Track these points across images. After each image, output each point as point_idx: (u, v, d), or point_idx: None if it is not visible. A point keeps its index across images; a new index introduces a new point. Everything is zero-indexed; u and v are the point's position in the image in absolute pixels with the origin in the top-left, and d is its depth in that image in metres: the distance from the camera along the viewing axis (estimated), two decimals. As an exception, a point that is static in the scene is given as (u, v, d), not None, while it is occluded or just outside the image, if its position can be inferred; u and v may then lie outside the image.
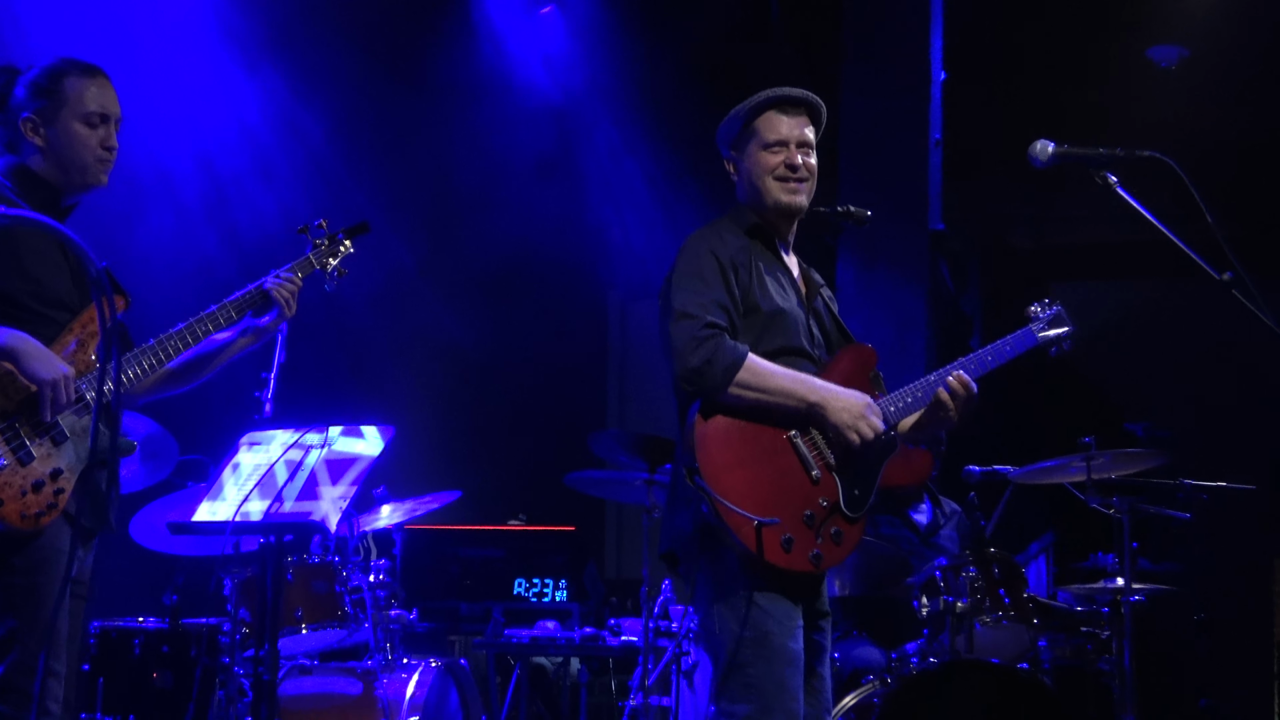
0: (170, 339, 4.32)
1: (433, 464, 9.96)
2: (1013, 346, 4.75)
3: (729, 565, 4.28)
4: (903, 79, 9.72)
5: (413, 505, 6.88)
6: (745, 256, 4.46)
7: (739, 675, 4.25)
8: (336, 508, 5.17)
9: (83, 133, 4.27)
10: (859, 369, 4.54)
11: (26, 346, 3.97)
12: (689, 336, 4.25)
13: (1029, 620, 5.85)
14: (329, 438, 5.31)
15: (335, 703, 6.16)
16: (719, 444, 4.27)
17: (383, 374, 10.21)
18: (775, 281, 4.50)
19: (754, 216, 4.59)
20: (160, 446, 6.16)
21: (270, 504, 5.16)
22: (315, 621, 6.23)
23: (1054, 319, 4.85)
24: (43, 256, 4.18)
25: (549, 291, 10.34)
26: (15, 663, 3.97)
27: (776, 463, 4.31)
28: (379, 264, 9.66)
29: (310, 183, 9.31)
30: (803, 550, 4.25)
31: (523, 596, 9.14)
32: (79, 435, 4.09)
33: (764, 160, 4.54)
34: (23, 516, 3.94)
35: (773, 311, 4.43)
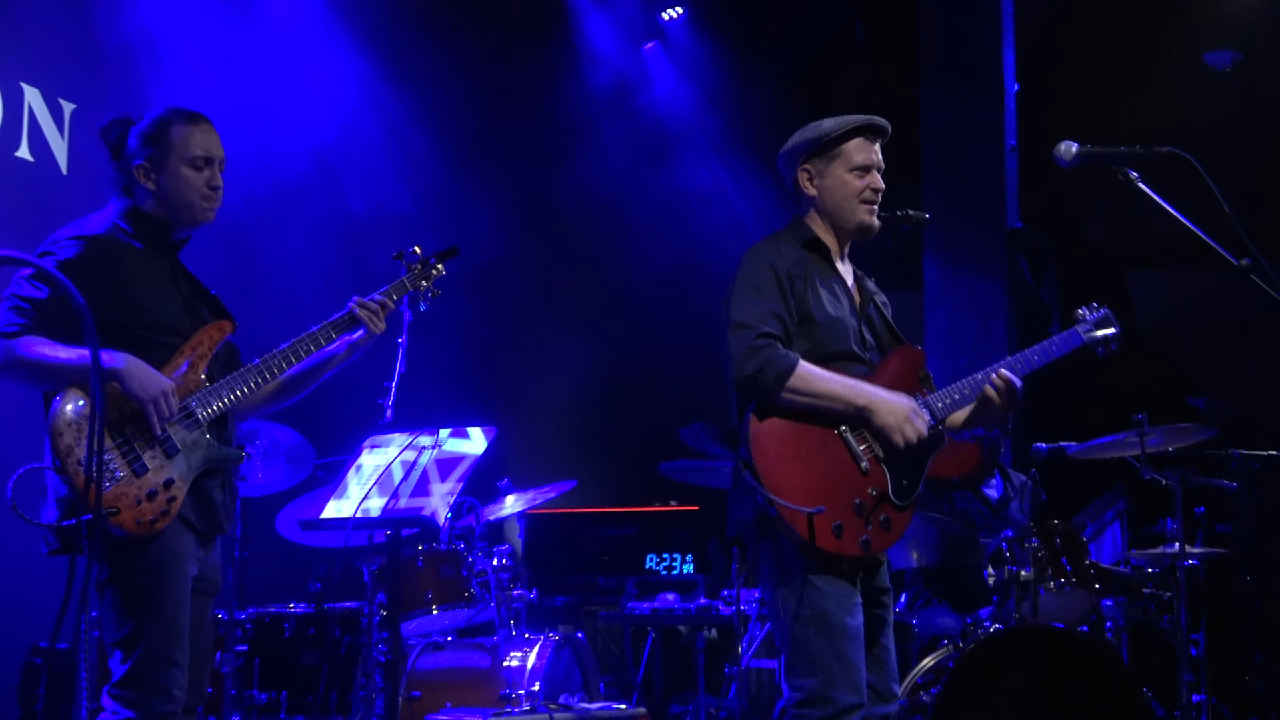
0: (275, 358, 4.20)
1: (550, 458, 9.92)
2: (1059, 346, 4.53)
3: (786, 550, 4.09)
4: (978, 92, 9.50)
5: (533, 494, 6.73)
6: (801, 268, 4.25)
7: (803, 652, 4.06)
8: (445, 503, 5.08)
9: (189, 175, 4.16)
10: (908, 369, 4.31)
11: (131, 367, 3.87)
12: (744, 345, 4.07)
13: (1090, 586, 5.59)
14: (439, 439, 5.22)
15: (466, 675, 6.04)
16: (773, 441, 4.08)
17: (501, 381, 10.13)
18: (829, 291, 4.29)
19: (811, 230, 4.36)
20: (299, 452, 6.12)
21: (387, 500, 5.07)
22: (444, 603, 6.11)
23: (1100, 321, 4.61)
24: (152, 287, 4.10)
25: (647, 304, 10.10)
26: (141, 656, 3.87)
27: (828, 455, 4.11)
28: (496, 286, 9.63)
29: (424, 198, 9.20)
30: (853, 536, 4.05)
31: (653, 570, 9.13)
32: (189, 448, 3.99)
33: (851, 183, 4.33)
34: (138, 523, 3.84)
35: (826, 320, 4.22)
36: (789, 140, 4.41)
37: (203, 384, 4.06)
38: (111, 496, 3.81)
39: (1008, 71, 9.53)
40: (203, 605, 4.16)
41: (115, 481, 3.82)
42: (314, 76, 8.78)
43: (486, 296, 9.47)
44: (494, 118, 9.78)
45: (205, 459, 4.02)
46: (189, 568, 3.99)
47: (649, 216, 9.89)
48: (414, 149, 9.21)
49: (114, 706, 3.86)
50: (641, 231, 9.87)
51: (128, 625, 3.87)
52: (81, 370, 3.84)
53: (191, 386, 4.03)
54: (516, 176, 9.88)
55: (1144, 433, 5.63)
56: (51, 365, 3.84)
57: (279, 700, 6.05)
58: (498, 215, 9.52)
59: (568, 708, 4.84)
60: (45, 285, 3.92)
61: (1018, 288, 9.55)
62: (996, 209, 9.41)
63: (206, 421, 4.03)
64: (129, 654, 3.86)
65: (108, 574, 3.89)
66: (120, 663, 3.87)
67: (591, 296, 10.61)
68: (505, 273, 9.91)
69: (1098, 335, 4.55)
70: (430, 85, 9.28)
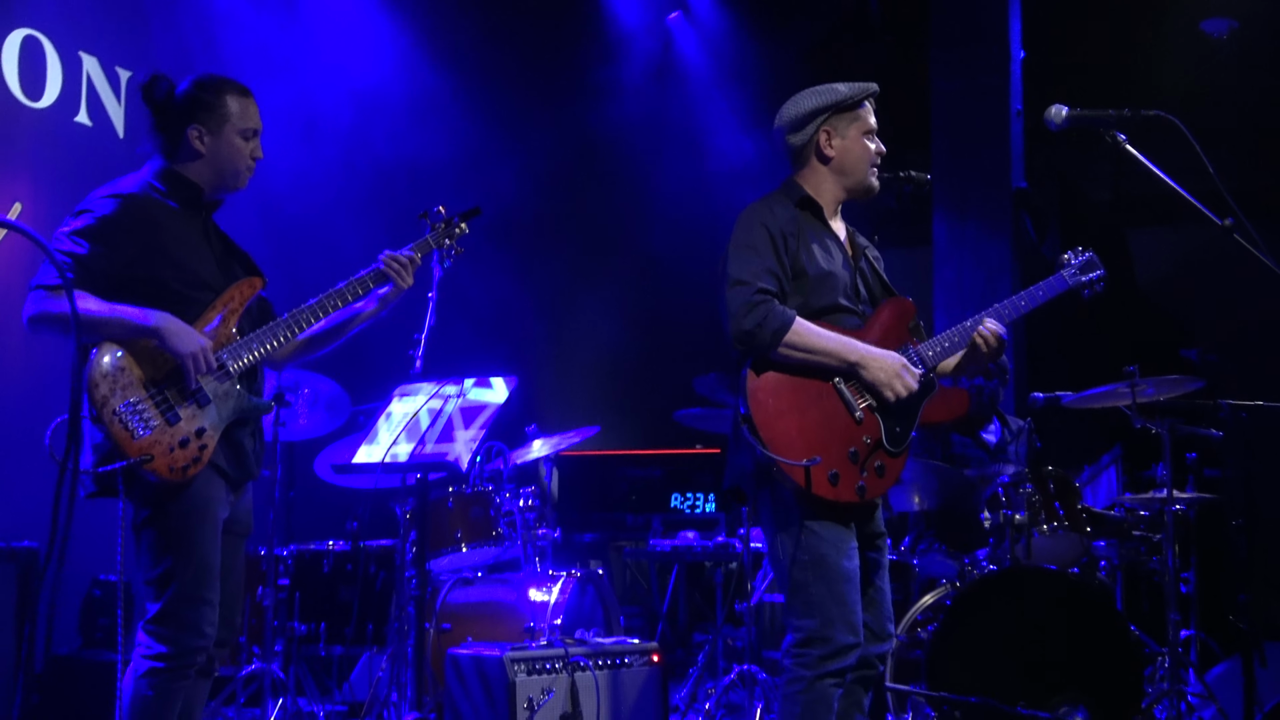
0: (303, 313, 4.12)
1: (577, 406, 9.88)
2: (1045, 291, 4.38)
3: (785, 498, 4.00)
4: (986, 60, 9.35)
5: (559, 439, 6.63)
6: (794, 227, 4.12)
7: (802, 594, 3.98)
8: (468, 448, 5.00)
9: (240, 145, 4.09)
10: (899, 320, 4.19)
11: (170, 325, 3.81)
12: (742, 302, 3.95)
13: (1082, 529, 5.49)
14: (464, 389, 5.13)
15: (493, 609, 5.97)
16: (770, 395, 3.98)
17: (530, 333, 10.11)
18: (821, 246, 4.17)
19: (804, 190, 4.23)
20: (337, 400, 6.05)
21: (415, 446, 5.00)
22: (472, 541, 6.06)
23: (1085, 264, 4.46)
24: (188, 245, 4.02)
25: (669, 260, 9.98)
26: (174, 594, 3.82)
27: (823, 407, 4.00)
28: (524, 243, 9.55)
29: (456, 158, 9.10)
30: (849, 483, 3.95)
31: (678, 509, 9.20)
32: (221, 398, 3.92)
33: (866, 146, 4.23)
34: (171, 469, 3.78)
35: (819, 274, 4.10)
36: (799, 103, 4.25)
37: (234, 338, 3.99)
38: (146, 444, 3.75)
39: (1014, 40, 9.41)
40: (235, 546, 4.10)
41: (150, 430, 3.76)
42: (351, 41, 8.71)
43: (515, 252, 9.42)
44: (523, 81, 9.67)
45: (236, 409, 3.95)
46: (220, 512, 3.93)
47: (672, 177, 9.77)
48: (447, 111, 9.11)
49: (148, 641, 3.82)
50: (664, 191, 9.75)
51: (162, 565, 3.83)
52: (118, 324, 3.78)
53: (223, 340, 3.96)
54: (544, 138, 9.77)
55: (1135, 384, 5.50)
56: (93, 320, 3.77)
57: (318, 631, 6.03)
58: (527, 176, 9.42)
59: (583, 642, 4.76)
60: (85, 242, 3.85)
61: (1022, 244, 9.42)
62: (1002, 170, 9.32)
63: (237, 374, 3.96)
64: (162, 592, 3.82)
65: (144, 517, 3.84)
66: (154, 600, 3.83)
67: (616, 252, 10.54)
68: (533, 230, 9.85)
69: (1083, 279, 4.42)
70: (462, 50, 9.21)
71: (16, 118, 6.80)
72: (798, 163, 4.27)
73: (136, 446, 3.73)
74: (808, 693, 3.91)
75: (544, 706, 4.46)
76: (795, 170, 4.29)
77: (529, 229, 9.75)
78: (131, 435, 3.73)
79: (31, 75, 6.89)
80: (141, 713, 3.79)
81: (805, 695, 3.91)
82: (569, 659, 4.57)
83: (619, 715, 4.66)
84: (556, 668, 4.53)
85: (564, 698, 4.52)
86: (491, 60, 9.41)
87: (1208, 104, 9.35)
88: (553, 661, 4.53)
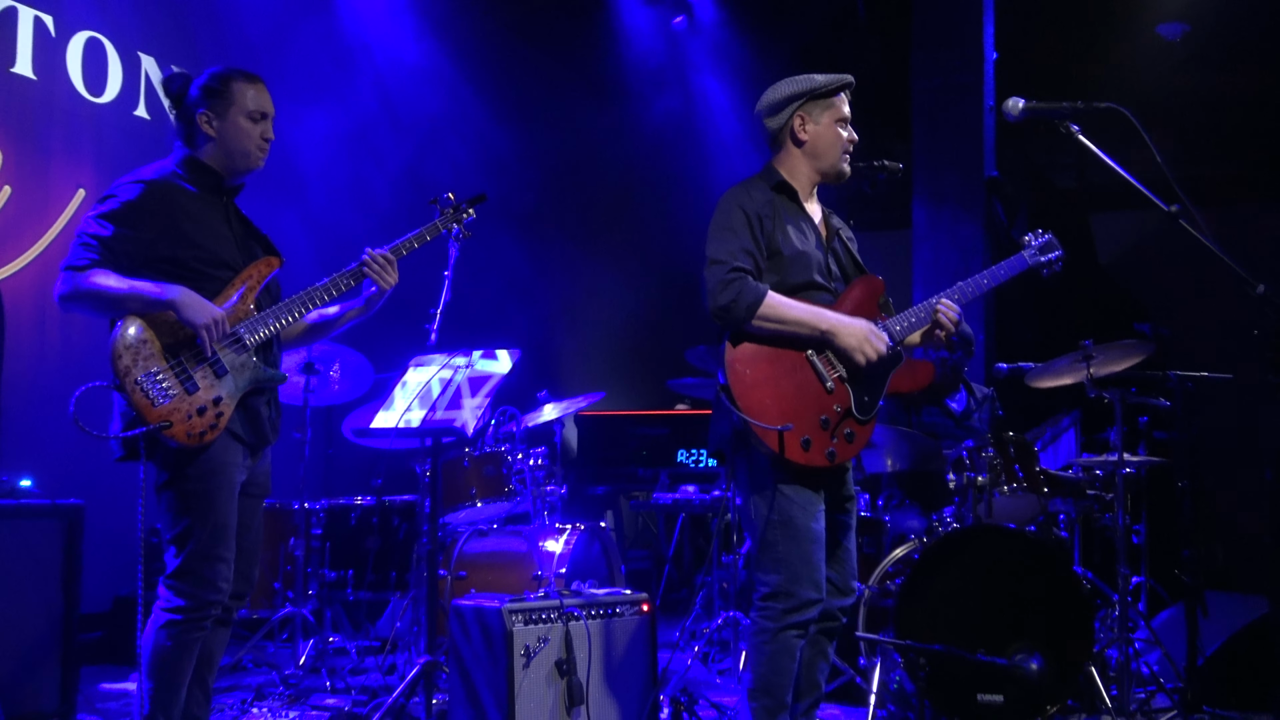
0: (315, 291, 3.91)
1: (586, 373, 9.75)
2: (1006, 270, 4.16)
3: (760, 463, 3.79)
4: (962, 60, 9.11)
5: (567, 404, 6.43)
6: (770, 209, 3.91)
7: (770, 552, 3.78)
8: (474, 415, 4.80)
9: (247, 126, 3.87)
10: (868, 296, 3.96)
11: (186, 298, 3.61)
12: (718, 279, 3.75)
13: (1039, 490, 5.25)
14: (472, 360, 4.92)
15: (506, 558, 5.79)
16: (746, 365, 3.77)
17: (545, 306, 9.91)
18: (796, 228, 3.94)
19: (780, 175, 4.00)
20: (361, 368, 5.85)
21: (426, 413, 4.80)
22: (486, 496, 5.86)
23: (1045, 245, 4.24)
24: (208, 227, 3.81)
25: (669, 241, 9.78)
26: (192, 551, 3.65)
27: (796, 377, 3.79)
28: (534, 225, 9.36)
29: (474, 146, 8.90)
30: (819, 449, 3.74)
31: (683, 463, 9.18)
32: (237, 369, 3.73)
33: (839, 133, 4.00)
34: (189, 435, 3.59)
35: (793, 253, 3.88)
36: (777, 89, 4.03)
37: (251, 313, 3.79)
38: (165, 411, 3.56)
39: (987, 42, 9.17)
40: (252, 507, 3.92)
41: (169, 399, 3.57)
42: (379, 39, 8.51)
43: (529, 233, 9.26)
44: (537, 75, 9.49)
45: (252, 379, 3.75)
46: (236, 475, 3.74)
47: (674, 164, 9.56)
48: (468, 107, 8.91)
49: (167, 595, 3.66)
50: (667, 178, 9.54)
51: (181, 524, 3.65)
52: (139, 299, 3.59)
53: (241, 315, 3.76)
54: (558, 127, 9.59)
55: (1090, 356, 5.26)
56: (115, 296, 3.59)
57: (346, 577, 5.87)
58: (540, 163, 9.24)
59: (577, 593, 4.55)
60: (110, 224, 3.65)
61: (994, 227, 9.21)
62: (976, 160, 9.07)
63: (253, 346, 3.76)
64: (181, 549, 3.65)
65: (165, 479, 3.67)
66: (174, 557, 3.66)
67: (622, 234, 10.36)
68: (546, 213, 9.67)
69: (1042, 259, 4.19)
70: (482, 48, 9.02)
71: (81, 112, 6.68)
72: (775, 146, 4.06)
73: (156, 414, 3.54)
74: (772, 643, 3.73)
75: (539, 653, 4.26)
76: (773, 154, 4.08)
77: (543, 212, 9.58)
78: (152, 403, 3.55)
79: (94, 73, 6.77)
80: (161, 661, 3.63)
81: (770, 645, 3.74)
82: (563, 609, 4.36)
83: (611, 660, 4.46)
84: (552, 617, 4.33)
85: (559, 645, 4.32)
86: (509, 55, 9.22)
87: (1163, 99, 9.12)
88: (548, 612, 4.32)
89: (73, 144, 6.59)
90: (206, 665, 3.84)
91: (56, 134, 6.52)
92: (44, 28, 6.49)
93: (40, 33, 6.46)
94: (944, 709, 4.74)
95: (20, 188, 6.27)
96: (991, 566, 4.83)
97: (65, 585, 4.55)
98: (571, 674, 4.32)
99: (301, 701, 5.15)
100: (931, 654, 4.71)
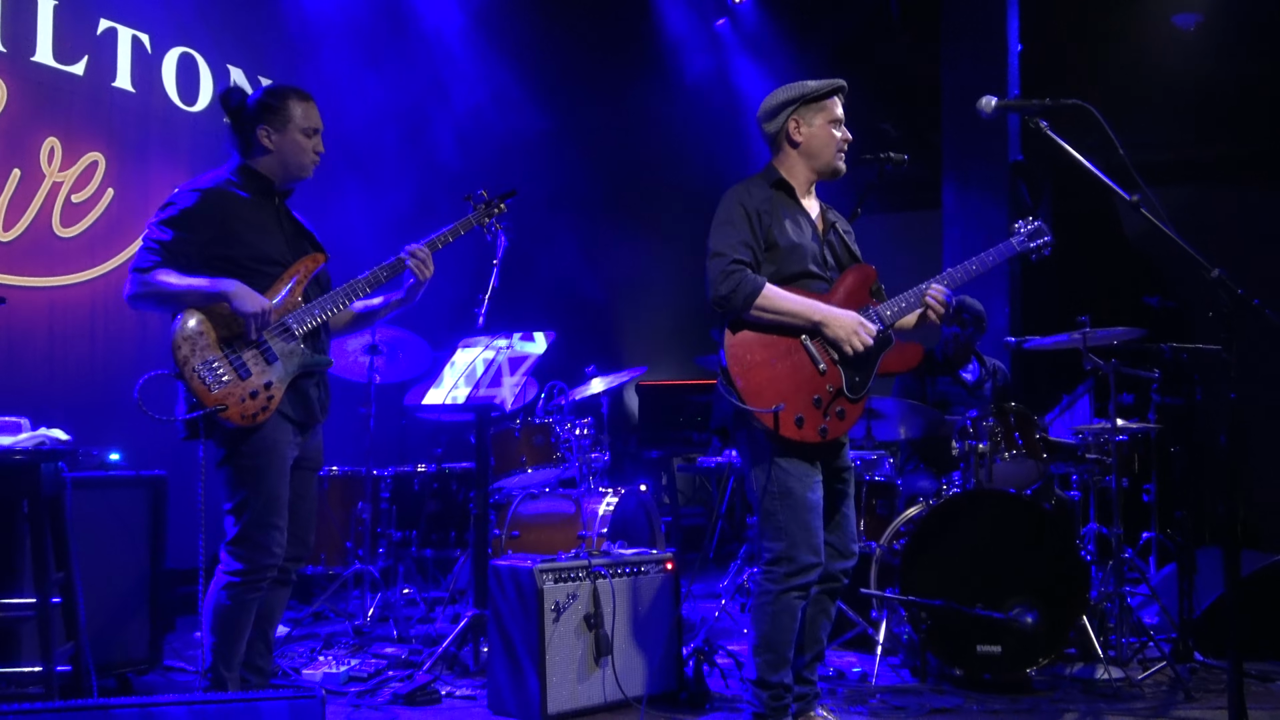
0: (357, 284, 3.92)
1: (621, 349, 9.70)
2: (994, 256, 4.04)
3: (758, 438, 3.75)
4: (988, 53, 8.91)
5: (613, 378, 6.41)
6: (768, 205, 3.84)
7: (771, 520, 3.74)
8: (512, 392, 4.82)
9: (303, 142, 3.90)
10: (861, 284, 3.88)
11: (237, 290, 3.65)
12: (719, 270, 3.70)
13: (1038, 456, 5.14)
14: (512, 341, 4.91)
15: (555, 518, 5.79)
16: (744, 350, 3.73)
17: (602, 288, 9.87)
18: (793, 222, 3.87)
19: (779, 173, 3.93)
20: (420, 349, 5.86)
21: (470, 390, 4.81)
22: (536, 464, 5.87)
23: (1033, 232, 4.11)
24: (258, 227, 3.84)
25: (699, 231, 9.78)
26: (249, 520, 3.70)
27: (791, 360, 3.73)
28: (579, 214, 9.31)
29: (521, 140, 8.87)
30: (812, 426, 3.69)
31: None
32: (287, 356, 3.76)
33: (832, 133, 3.90)
34: (243, 416, 3.64)
35: (789, 245, 3.81)
36: (773, 97, 3.96)
37: (299, 304, 3.82)
38: (221, 395, 3.61)
39: (1011, 35, 8.97)
40: (306, 480, 3.96)
41: (222, 385, 3.62)
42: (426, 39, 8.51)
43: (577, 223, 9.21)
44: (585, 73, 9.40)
45: (300, 365, 3.78)
46: (288, 452, 3.77)
47: (712, 160, 9.45)
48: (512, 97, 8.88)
49: (227, 560, 3.72)
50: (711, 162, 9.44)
51: (238, 496, 3.70)
52: (197, 294, 3.64)
53: (290, 307, 3.79)
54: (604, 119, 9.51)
55: (1086, 333, 5.13)
56: (174, 292, 3.64)
57: (410, 537, 5.91)
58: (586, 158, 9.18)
59: (606, 553, 4.54)
60: (170, 229, 3.70)
61: (1019, 208, 8.98)
62: (1001, 145, 8.89)
63: (301, 335, 3.79)
64: (239, 519, 3.70)
65: (222, 456, 3.71)
66: (232, 525, 3.71)
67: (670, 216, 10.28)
68: (596, 204, 9.62)
69: (1030, 245, 4.07)
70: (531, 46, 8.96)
71: (176, 121, 6.75)
72: (774, 148, 3.99)
73: (213, 398, 3.59)
74: (775, 604, 3.69)
75: (569, 609, 4.26)
76: (773, 155, 4.00)
77: (594, 198, 9.52)
78: (209, 389, 3.59)
79: (188, 85, 6.83)
80: (221, 619, 3.69)
81: (772, 606, 3.70)
82: (591, 569, 4.35)
83: (636, 615, 4.45)
84: (580, 576, 4.32)
85: (587, 601, 4.32)
86: (557, 54, 9.16)
87: (1179, 85, 8.85)
88: (577, 571, 4.32)
89: (169, 150, 6.68)
90: (267, 620, 3.90)
91: (154, 141, 6.62)
92: (141, 45, 6.58)
93: (138, 50, 6.55)
94: (945, 659, 4.67)
95: (121, 191, 6.38)
96: (991, 528, 4.75)
97: (152, 547, 4.62)
98: (599, 627, 4.32)
99: (364, 650, 5.21)
100: (933, 609, 4.65)
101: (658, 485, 9.47)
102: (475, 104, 8.64)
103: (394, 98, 8.04)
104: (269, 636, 3.93)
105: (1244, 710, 3.05)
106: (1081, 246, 9.25)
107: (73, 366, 6.06)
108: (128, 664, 4.49)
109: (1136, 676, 4.74)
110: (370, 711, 4.31)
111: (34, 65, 6.01)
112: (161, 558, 4.63)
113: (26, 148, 5.96)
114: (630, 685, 4.35)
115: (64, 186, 6.12)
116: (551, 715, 4.15)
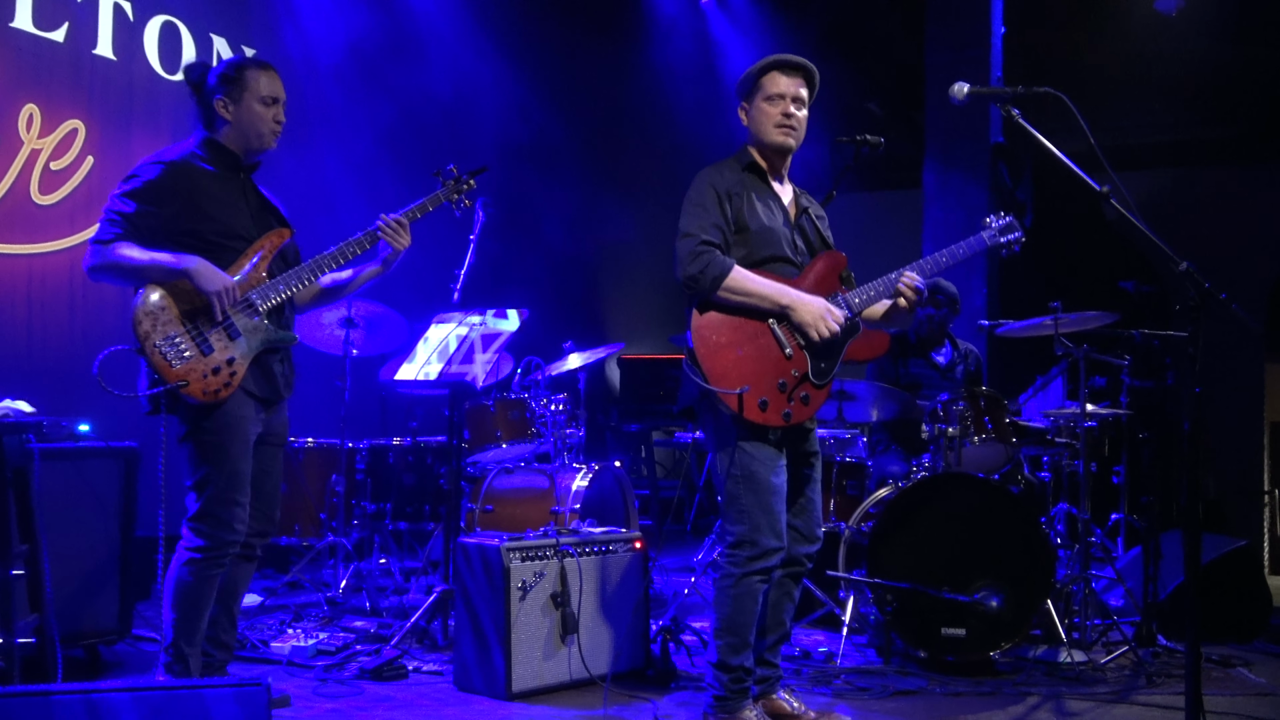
0: (324, 259, 3.82)
1: (596, 325, 9.63)
2: (965, 249, 3.95)
3: (723, 421, 3.68)
4: (971, 35, 8.79)
5: (589, 354, 6.30)
6: (739, 188, 3.75)
7: (735, 504, 3.67)
8: (484, 369, 4.72)
9: (260, 111, 3.78)
10: (830, 270, 3.80)
11: (199, 267, 3.55)
12: (688, 251, 3.62)
13: (1007, 440, 5.07)
14: (485, 318, 4.80)
15: (529, 493, 5.69)
16: (711, 331, 3.66)
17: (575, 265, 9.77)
18: (764, 205, 3.78)
19: (752, 155, 3.84)
20: (395, 323, 5.74)
21: (443, 366, 4.71)
22: (511, 438, 5.76)
23: (1005, 227, 4.02)
24: (223, 201, 3.74)
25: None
26: (210, 496, 3.62)
27: (757, 344, 3.66)
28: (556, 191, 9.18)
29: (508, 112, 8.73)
30: (776, 410, 3.61)
31: None
32: (250, 332, 3.67)
33: (767, 110, 3.78)
34: (205, 393, 3.55)
35: (759, 229, 3.73)
36: None
37: (263, 280, 3.72)
38: (183, 371, 3.52)
39: (995, 18, 8.83)
40: (271, 455, 3.87)
41: (184, 360, 3.53)
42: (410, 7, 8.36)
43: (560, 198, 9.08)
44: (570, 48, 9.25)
45: (264, 341, 3.70)
46: (250, 429, 3.68)
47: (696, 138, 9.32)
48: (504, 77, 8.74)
49: (188, 536, 3.64)
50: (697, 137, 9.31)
51: (200, 472, 3.62)
52: (159, 269, 3.54)
53: (254, 282, 3.70)
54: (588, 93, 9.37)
55: (1058, 318, 5.05)
56: (136, 266, 3.55)
57: (384, 510, 5.81)
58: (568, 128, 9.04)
59: (574, 531, 4.46)
60: (133, 201, 3.59)
61: (999, 189, 8.90)
62: (983, 126, 8.78)
63: (265, 311, 3.69)
64: (201, 494, 3.62)
65: (184, 432, 3.63)
66: (194, 501, 3.63)
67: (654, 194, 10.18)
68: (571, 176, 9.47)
69: (1001, 239, 3.97)
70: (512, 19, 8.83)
71: (157, 89, 6.61)
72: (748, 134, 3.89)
73: (174, 374, 3.50)
74: (736, 587, 3.63)
75: (535, 587, 4.18)
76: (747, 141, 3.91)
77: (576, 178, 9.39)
78: (170, 364, 3.51)
79: (170, 54, 6.69)
80: (182, 594, 3.61)
81: (734, 589, 3.63)
82: (559, 547, 4.28)
83: (604, 593, 4.38)
84: (548, 554, 4.24)
85: (554, 580, 4.24)
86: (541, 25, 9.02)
87: (1162, 67, 8.75)
88: (544, 550, 4.24)
89: (149, 119, 6.54)
90: (231, 594, 3.82)
91: (135, 110, 6.47)
92: (123, 13, 6.43)
93: (119, 17, 6.41)
94: (910, 640, 4.61)
95: (101, 159, 6.24)
96: (958, 511, 4.68)
97: (123, 519, 4.54)
98: (565, 606, 4.25)
99: (334, 622, 5.14)
100: (899, 591, 4.59)
101: (637, 458, 9.38)
102: (460, 74, 8.48)
103: (375, 65, 7.89)
104: (233, 611, 3.86)
105: (1200, 698, 2.98)
106: (1062, 229, 9.16)
107: (51, 335, 5.95)
108: (97, 634, 4.42)
109: (1100, 660, 4.68)
110: (336, 685, 4.24)
111: (13, 31, 5.87)
112: (132, 529, 4.54)
113: (4, 114, 5.82)
114: (596, 663, 4.29)
115: (43, 154, 5.99)
116: (516, 693, 4.09)
